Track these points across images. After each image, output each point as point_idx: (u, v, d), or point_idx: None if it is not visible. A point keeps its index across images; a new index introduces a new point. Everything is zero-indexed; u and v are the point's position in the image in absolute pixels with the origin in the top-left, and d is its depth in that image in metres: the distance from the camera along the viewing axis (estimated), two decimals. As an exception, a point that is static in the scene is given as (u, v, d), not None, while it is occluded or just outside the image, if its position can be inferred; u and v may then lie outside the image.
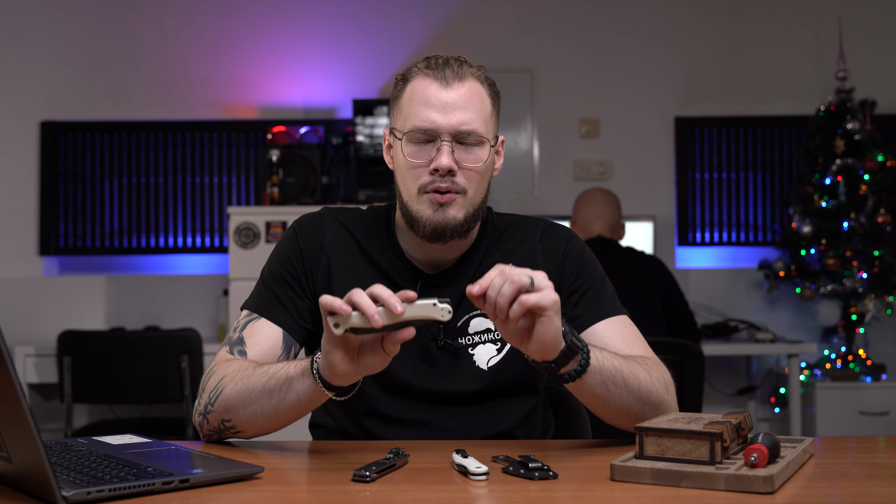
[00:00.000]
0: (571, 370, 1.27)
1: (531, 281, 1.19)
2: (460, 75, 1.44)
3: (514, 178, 4.61)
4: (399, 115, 1.47)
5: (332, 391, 1.27)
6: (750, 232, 4.65)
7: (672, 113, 4.66)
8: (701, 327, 4.17)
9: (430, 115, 1.42)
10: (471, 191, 1.45)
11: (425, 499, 1.08)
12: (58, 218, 4.58)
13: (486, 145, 1.46)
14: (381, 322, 1.16)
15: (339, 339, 1.20)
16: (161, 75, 4.64)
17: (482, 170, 1.46)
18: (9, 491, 1.09)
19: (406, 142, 1.45)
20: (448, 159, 1.41)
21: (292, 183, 4.09)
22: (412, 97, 1.45)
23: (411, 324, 1.19)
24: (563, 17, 4.66)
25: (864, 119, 4.23)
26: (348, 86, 4.60)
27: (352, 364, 1.22)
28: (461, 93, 1.43)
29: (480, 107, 1.45)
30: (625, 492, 1.10)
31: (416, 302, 1.17)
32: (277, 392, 1.31)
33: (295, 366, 1.31)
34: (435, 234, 1.44)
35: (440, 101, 1.43)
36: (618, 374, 1.32)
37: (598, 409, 1.35)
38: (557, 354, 1.24)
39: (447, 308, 1.18)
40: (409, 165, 1.44)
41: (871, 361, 4.27)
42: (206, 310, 4.50)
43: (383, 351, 1.22)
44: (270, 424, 1.36)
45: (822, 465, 1.25)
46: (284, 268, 1.53)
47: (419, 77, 1.46)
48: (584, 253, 1.57)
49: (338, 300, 1.17)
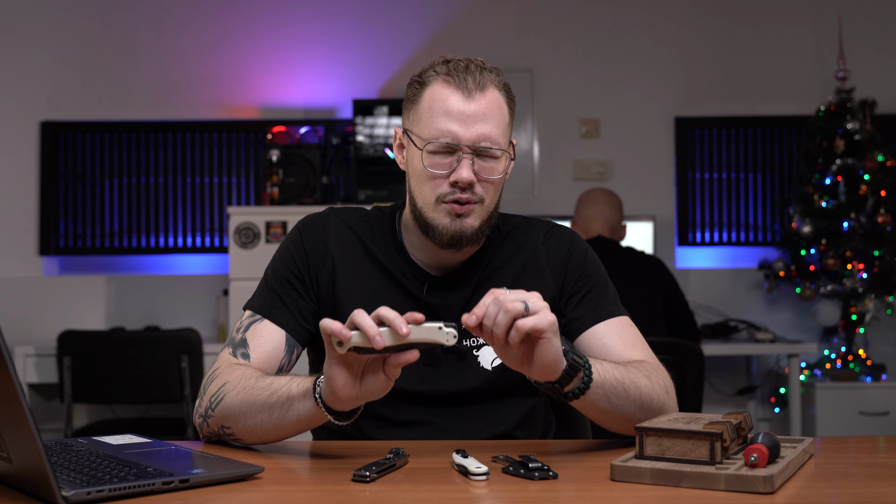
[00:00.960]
0: (575, 388, 1.27)
1: (525, 306, 1.17)
2: (481, 84, 1.43)
3: (514, 178, 4.60)
4: (417, 121, 1.46)
5: (333, 415, 1.26)
6: (750, 232, 4.65)
7: (672, 113, 4.66)
8: (701, 327, 4.17)
9: (451, 127, 1.41)
10: (487, 200, 1.45)
11: (425, 499, 1.08)
12: (58, 218, 4.58)
13: (505, 157, 1.46)
14: (382, 343, 1.15)
15: (341, 359, 1.19)
16: (161, 75, 4.64)
17: (500, 181, 1.46)
18: (9, 491, 1.09)
19: (426, 152, 1.44)
20: (468, 173, 1.41)
21: (292, 183, 4.09)
22: (432, 105, 1.44)
23: (415, 346, 1.18)
24: (563, 17, 4.66)
25: (864, 119, 4.23)
26: (348, 86, 4.60)
27: (354, 388, 1.21)
28: (482, 105, 1.42)
29: (500, 118, 1.44)
30: (625, 492, 1.10)
31: (423, 325, 1.17)
32: (278, 409, 1.31)
33: (297, 384, 1.30)
34: (452, 242, 1.44)
35: (461, 114, 1.42)
36: (619, 385, 1.31)
37: (601, 420, 1.35)
38: (560, 374, 1.24)
39: (452, 333, 1.17)
40: (429, 176, 1.44)
41: (871, 361, 4.28)
42: (206, 310, 4.50)
43: (385, 376, 1.21)
44: (270, 437, 1.35)
45: (822, 465, 1.25)
46: (288, 268, 1.52)
47: (439, 83, 1.44)
48: (586, 254, 1.57)
49: (337, 324, 1.16)
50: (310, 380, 1.29)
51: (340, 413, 1.26)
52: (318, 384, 1.26)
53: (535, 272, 1.54)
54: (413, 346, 1.18)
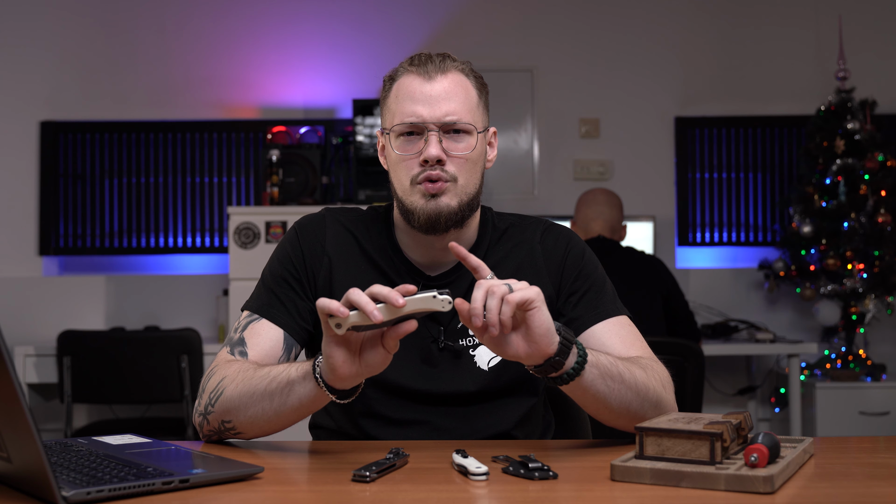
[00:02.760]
0: (574, 363, 1.27)
1: (508, 287, 1.20)
2: (443, 69, 1.46)
3: (514, 178, 4.61)
4: (387, 113, 1.49)
5: (335, 394, 1.27)
6: (750, 232, 4.65)
7: (672, 113, 4.66)
8: (701, 327, 4.17)
9: (416, 108, 1.44)
10: (462, 179, 1.45)
11: (425, 499, 1.08)
12: (58, 218, 4.58)
13: (475, 133, 1.47)
14: (380, 317, 1.16)
15: (340, 338, 1.20)
16: (161, 75, 4.63)
17: (472, 157, 1.46)
18: (9, 491, 1.09)
19: (394, 137, 1.46)
20: (436, 149, 1.43)
21: (292, 183, 4.09)
22: (398, 94, 1.47)
23: (412, 317, 1.19)
24: (563, 17, 4.66)
25: (864, 119, 4.23)
26: (348, 86, 4.60)
27: (354, 365, 1.22)
28: (444, 84, 1.45)
29: (465, 96, 1.46)
30: (625, 492, 1.10)
31: (416, 295, 1.18)
32: (279, 395, 1.31)
33: (296, 369, 1.31)
34: (429, 223, 1.45)
35: (424, 95, 1.44)
36: (613, 367, 1.32)
37: (599, 408, 1.35)
38: (557, 347, 1.24)
39: (447, 299, 1.19)
40: (400, 159, 1.46)
41: (871, 361, 4.27)
42: (206, 310, 4.50)
43: (384, 349, 1.22)
44: (271, 426, 1.36)
45: (822, 465, 1.25)
46: (286, 268, 1.53)
47: (404, 75, 1.48)
48: (584, 253, 1.57)
49: (334, 302, 1.18)
50: (308, 362, 1.30)
51: (342, 391, 1.27)
52: (318, 364, 1.27)
53: (531, 271, 1.54)
54: (410, 318, 1.19)
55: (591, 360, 1.29)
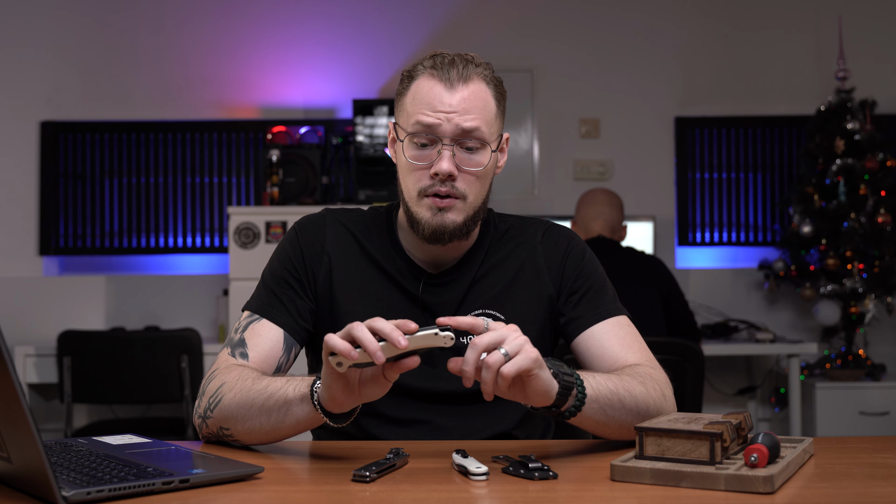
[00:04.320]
0: (571, 406, 1.26)
1: (505, 354, 1.15)
2: (465, 76, 1.43)
3: (514, 178, 4.60)
4: (402, 113, 1.47)
5: (332, 419, 1.26)
6: (750, 232, 4.64)
7: (672, 113, 4.66)
8: (701, 327, 4.17)
9: (432, 119, 1.41)
10: (471, 196, 1.44)
11: (425, 499, 1.08)
12: (58, 218, 4.58)
13: (488, 149, 1.44)
14: (383, 359, 1.14)
15: (340, 373, 1.19)
16: (161, 75, 4.63)
17: (483, 174, 1.45)
18: (9, 491, 1.09)
19: (408, 143, 1.44)
20: (448, 164, 1.41)
21: (292, 183, 4.09)
22: (416, 97, 1.44)
23: (414, 353, 1.18)
24: (563, 17, 4.66)
25: (864, 119, 4.23)
26: (348, 86, 4.60)
27: (352, 395, 1.22)
28: (465, 95, 1.42)
29: (484, 109, 1.43)
30: (625, 492, 1.10)
31: (418, 333, 1.16)
32: (276, 413, 1.30)
33: (294, 388, 1.29)
34: (434, 236, 1.44)
35: (443, 104, 1.41)
36: (614, 396, 1.31)
37: (599, 431, 1.35)
38: (555, 398, 1.23)
39: (449, 335, 1.16)
40: (411, 167, 1.44)
41: (871, 361, 4.27)
42: (206, 310, 4.50)
43: (384, 379, 1.20)
44: (269, 439, 1.35)
45: (822, 465, 1.25)
46: (286, 268, 1.52)
47: (424, 76, 1.44)
48: (584, 253, 1.57)
49: (341, 343, 1.14)
50: (306, 383, 1.28)
51: (339, 415, 1.26)
52: (316, 390, 1.26)
53: (532, 271, 1.54)
54: (412, 353, 1.18)
55: (590, 395, 1.28)
